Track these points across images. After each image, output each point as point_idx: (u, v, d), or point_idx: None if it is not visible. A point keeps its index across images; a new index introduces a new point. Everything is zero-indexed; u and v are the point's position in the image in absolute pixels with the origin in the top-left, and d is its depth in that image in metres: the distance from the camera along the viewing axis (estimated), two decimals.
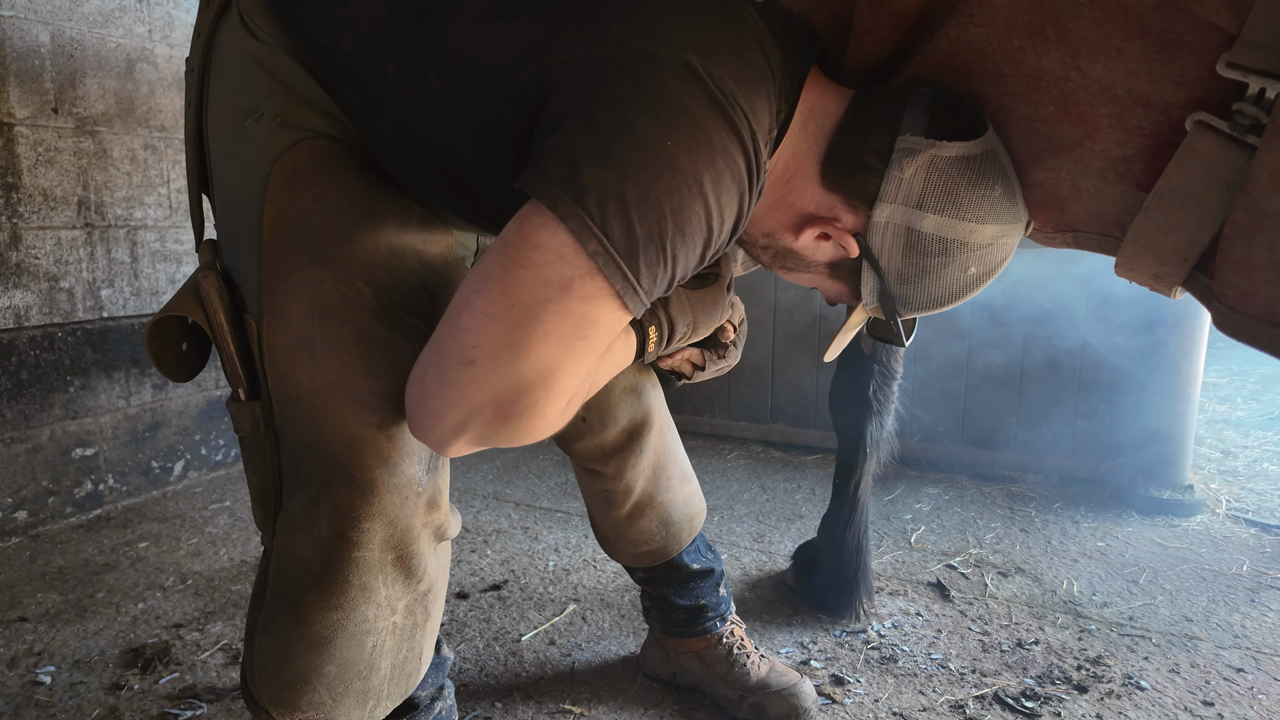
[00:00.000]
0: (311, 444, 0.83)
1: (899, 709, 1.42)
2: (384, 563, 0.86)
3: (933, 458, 2.71)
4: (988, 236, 0.84)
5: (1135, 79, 0.73)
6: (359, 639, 0.86)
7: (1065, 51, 0.76)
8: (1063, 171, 0.84)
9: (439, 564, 0.95)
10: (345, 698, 0.88)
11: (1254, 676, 1.51)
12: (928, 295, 0.88)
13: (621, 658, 1.59)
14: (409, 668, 0.94)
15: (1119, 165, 0.80)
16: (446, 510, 0.92)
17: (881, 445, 1.70)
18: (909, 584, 1.89)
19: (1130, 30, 0.71)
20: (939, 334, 2.63)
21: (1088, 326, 2.45)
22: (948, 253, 0.84)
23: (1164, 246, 0.78)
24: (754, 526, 2.26)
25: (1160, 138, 0.76)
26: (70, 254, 2.25)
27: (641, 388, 1.25)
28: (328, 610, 0.84)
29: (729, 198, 0.73)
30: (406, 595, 0.89)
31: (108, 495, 2.39)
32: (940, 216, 0.82)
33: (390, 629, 0.89)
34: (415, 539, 0.87)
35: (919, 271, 0.86)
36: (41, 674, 1.53)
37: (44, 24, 2.14)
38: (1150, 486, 2.34)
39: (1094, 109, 0.78)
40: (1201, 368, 2.32)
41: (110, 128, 2.32)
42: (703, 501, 1.40)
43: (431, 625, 0.96)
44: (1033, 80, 0.80)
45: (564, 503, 2.45)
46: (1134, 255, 0.81)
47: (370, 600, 0.86)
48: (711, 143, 0.71)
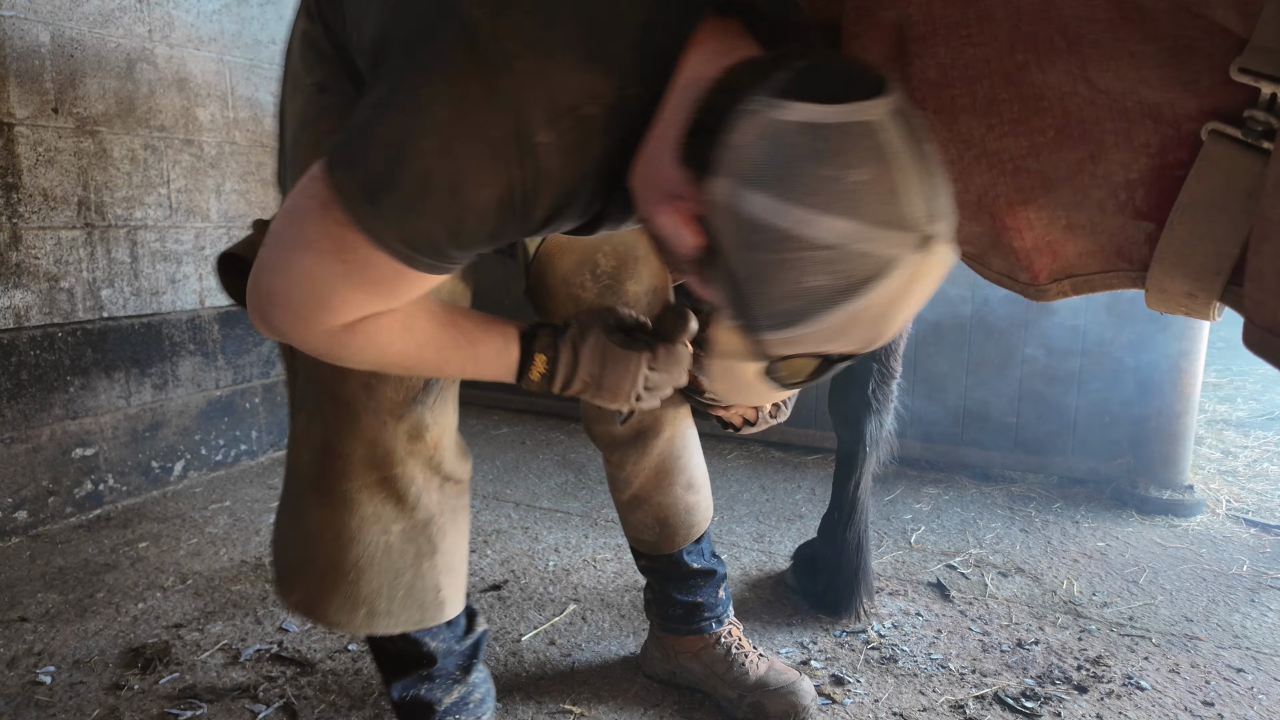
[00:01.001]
0: (310, 371, 0.98)
1: (899, 709, 1.42)
2: (368, 481, 0.99)
3: (933, 458, 2.71)
4: (833, 235, 0.62)
5: (1147, 87, 0.72)
6: (343, 542, 1.00)
7: (1074, 61, 0.74)
8: (1058, 208, 0.80)
9: (444, 502, 1.07)
10: (332, 596, 1.02)
11: (1254, 676, 1.51)
12: (770, 309, 0.67)
13: (621, 658, 1.59)
14: (420, 596, 1.06)
15: (1120, 193, 0.77)
16: (438, 446, 1.03)
17: (881, 444, 1.70)
18: (909, 584, 1.89)
19: (1145, 33, 0.70)
20: (940, 333, 2.63)
21: (1089, 327, 2.45)
22: (777, 247, 0.64)
23: (1194, 261, 0.74)
24: (754, 526, 2.26)
25: (1167, 156, 0.74)
26: (70, 254, 2.25)
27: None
28: (317, 509, 1.00)
29: (480, 160, 0.70)
30: (401, 520, 1.02)
31: (108, 495, 2.39)
32: (766, 197, 0.63)
33: (383, 546, 1.02)
34: (398, 463, 1.00)
35: (751, 272, 0.66)
36: (41, 674, 1.53)
37: (44, 24, 2.14)
38: (1150, 486, 2.34)
39: (1100, 126, 0.75)
40: (1201, 368, 2.32)
41: (110, 128, 2.32)
42: (708, 515, 1.42)
43: (443, 561, 1.07)
44: (1033, 102, 0.76)
45: (564, 503, 2.45)
46: (1164, 275, 0.77)
47: (354, 511, 1.00)
48: (463, 98, 0.68)
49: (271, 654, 1.60)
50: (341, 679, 1.52)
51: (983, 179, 0.82)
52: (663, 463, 1.33)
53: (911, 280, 0.65)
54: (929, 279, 0.67)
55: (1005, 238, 0.86)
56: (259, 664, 1.57)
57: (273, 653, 1.60)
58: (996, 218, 0.84)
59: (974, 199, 0.85)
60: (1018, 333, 2.53)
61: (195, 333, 2.61)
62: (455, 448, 1.09)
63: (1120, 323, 2.40)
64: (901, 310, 0.68)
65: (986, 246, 0.90)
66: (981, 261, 0.94)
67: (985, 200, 0.84)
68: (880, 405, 1.67)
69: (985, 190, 0.83)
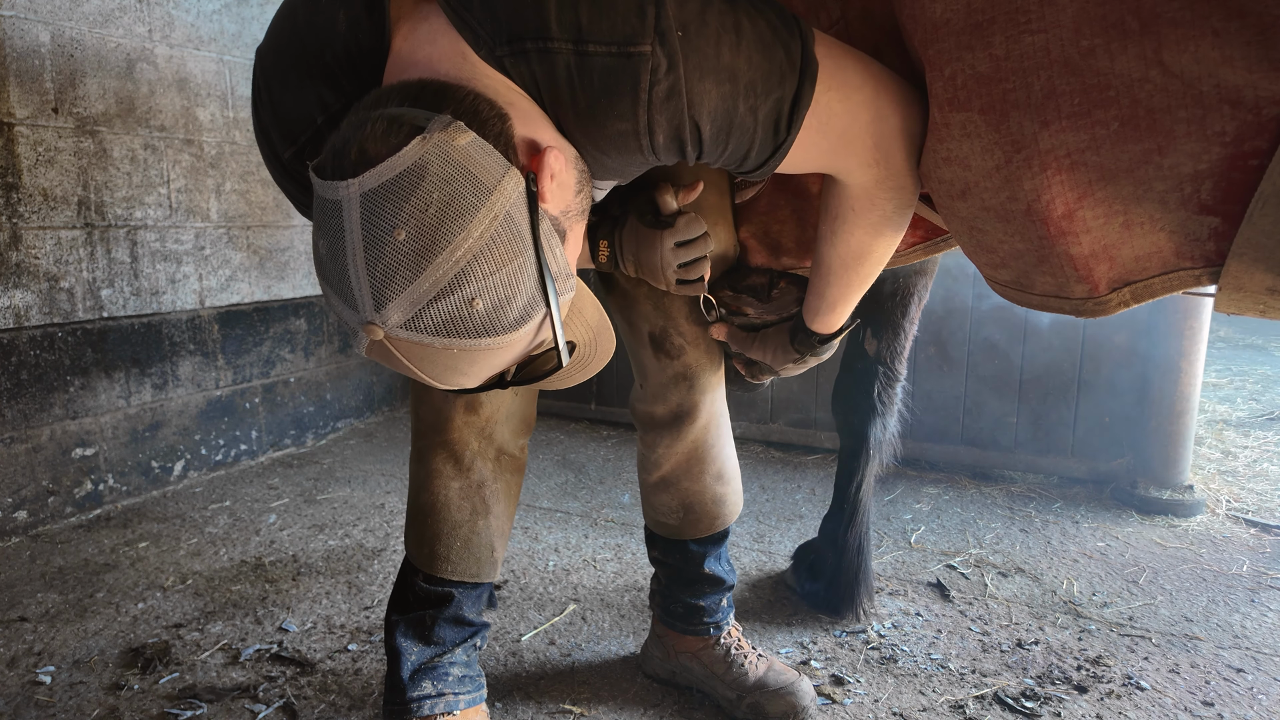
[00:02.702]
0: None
1: (899, 709, 1.42)
2: (433, 442, 1.21)
3: (933, 458, 2.71)
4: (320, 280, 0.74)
5: (1229, 68, 0.66)
6: (417, 488, 1.24)
7: (1148, 43, 0.68)
8: (1116, 202, 0.74)
9: (498, 472, 1.25)
10: (412, 527, 1.26)
11: (1254, 676, 1.51)
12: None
13: (621, 658, 1.59)
14: (476, 551, 1.24)
15: (1185, 185, 0.72)
16: (491, 420, 1.21)
17: (885, 446, 1.70)
18: (909, 584, 1.89)
19: (1230, 9, 0.65)
20: (940, 333, 2.63)
21: (1088, 326, 2.45)
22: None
23: (1278, 255, 0.70)
24: (754, 526, 2.26)
25: (1243, 145, 0.69)
26: (70, 254, 2.25)
27: (695, 380, 1.30)
28: (414, 461, 1.25)
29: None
30: (458, 478, 1.22)
31: (108, 495, 2.39)
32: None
33: (443, 498, 1.22)
34: (454, 430, 1.19)
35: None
36: (41, 674, 1.53)
37: (44, 24, 2.14)
38: (1150, 486, 2.34)
39: (1170, 115, 0.70)
40: (1201, 368, 2.32)
41: (110, 128, 2.32)
42: (735, 510, 1.42)
43: (496, 524, 1.26)
44: (1097, 92, 0.71)
45: (564, 503, 2.45)
46: (1242, 271, 0.72)
47: (425, 465, 1.22)
48: None
49: (271, 654, 1.60)
50: (341, 679, 1.52)
51: (1033, 182, 0.77)
52: (696, 449, 1.34)
53: (387, 353, 0.69)
54: (417, 352, 0.69)
55: (1060, 245, 0.80)
56: (259, 664, 1.57)
57: (273, 653, 1.60)
58: (1050, 223, 0.78)
59: (1022, 208, 0.79)
60: (1017, 332, 2.53)
61: (195, 333, 2.61)
62: (512, 424, 1.25)
63: (1120, 323, 2.39)
64: (417, 376, 0.73)
65: (1030, 265, 0.84)
66: (1022, 287, 0.88)
67: (1035, 207, 0.78)
68: (885, 408, 1.67)
69: (1036, 195, 0.77)
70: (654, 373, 1.30)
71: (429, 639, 1.24)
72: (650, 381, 1.32)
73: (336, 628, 1.70)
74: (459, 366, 0.71)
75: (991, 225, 0.83)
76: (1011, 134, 0.75)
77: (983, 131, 0.78)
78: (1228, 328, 4.99)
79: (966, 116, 0.77)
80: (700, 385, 1.30)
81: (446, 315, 0.67)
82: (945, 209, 0.88)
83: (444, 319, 0.67)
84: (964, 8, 0.75)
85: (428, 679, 1.22)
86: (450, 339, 0.68)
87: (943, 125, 0.80)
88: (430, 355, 0.69)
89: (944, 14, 0.76)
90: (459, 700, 1.24)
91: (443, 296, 0.66)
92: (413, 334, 0.67)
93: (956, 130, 0.79)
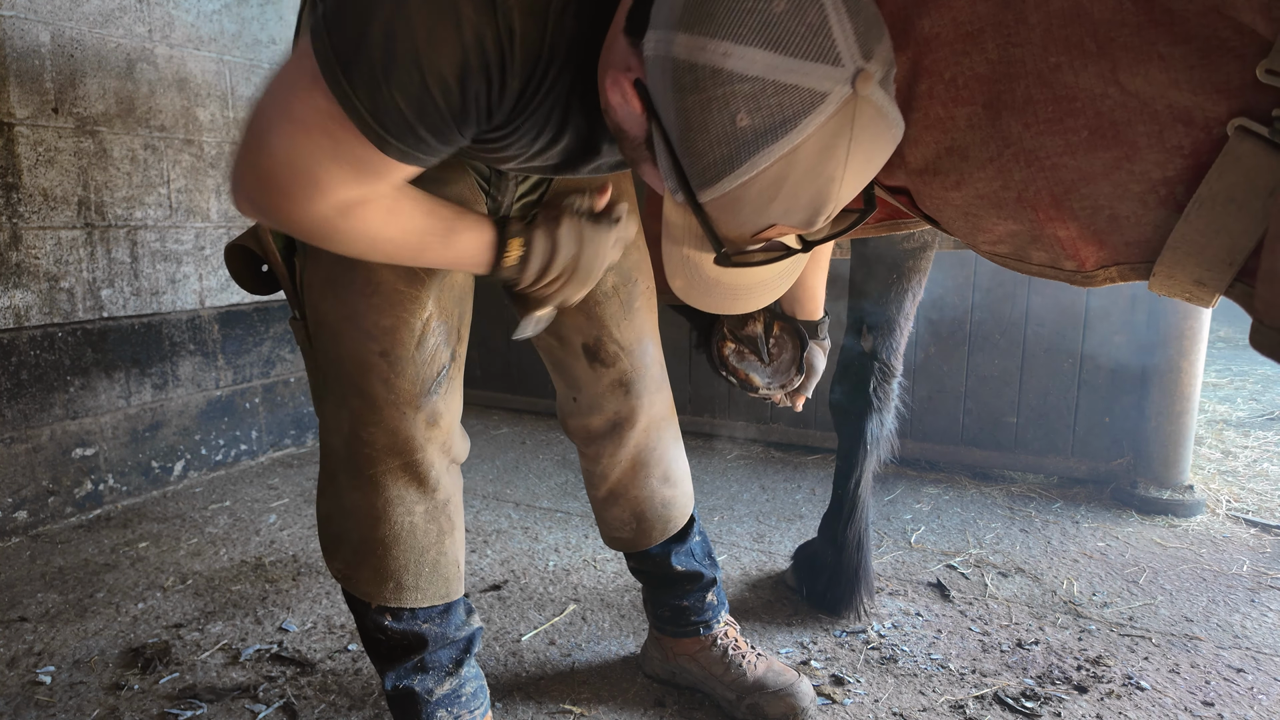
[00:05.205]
0: (335, 361, 1.05)
1: (899, 709, 1.42)
2: (391, 466, 1.07)
3: (933, 458, 2.71)
4: (752, 66, 0.62)
5: (1176, 90, 0.71)
6: (372, 521, 1.09)
7: (1104, 64, 0.73)
8: (1100, 199, 0.80)
9: (453, 482, 1.15)
10: (363, 567, 1.11)
11: (1254, 676, 1.51)
12: (702, 161, 0.68)
13: (621, 658, 1.59)
14: (444, 571, 1.14)
15: (1160, 189, 0.77)
16: (450, 431, 1.11)
17: (882, 443, 1.70)
18: (909, 584, 1.89)
19: (1174, 35, 0.69)
20: (940, 333, 2.63)
21: (1088, 327, 2.45)
22: (700, 86, 0.64)
23: (1208, 252, 0.75)
24: (754, 526, 2.26)
25: (1201, 157, 0.73)
26: (70, 254, 2.25)
27: (631, 385, 1.27)
28: (352, 490, 1.09)
29: (444, 17, 0.70)
30: (424, 501, 1.10)
31: (108, 495, 2.39)
32: (688, 35, 0.64)
33: (407, 526, 1.10)
34: (418, 449, 1.07)
35: (685, 122, 0.67)
36: (41, 674, 1.53)
37: (44, 24, 2.14)
38: (1150, 486, 2.34)
39: (1132, 129, 0.75)
40: (1201, 368, 2.32)
41: (110, 128, 2.32)
42: (686, 510, 1.39)
43: (460, 536, 1.17)
44: (1066, 103, 0.77)
45: (564, 503, 2.45)
46: (1174, 263, 0.78)
47: (380, 493, 1.08)
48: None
49: (271, 654, 1.60)
50: (341, 679, 1.52)
51: (1021, 174, 0.83)
52: (639, 454, 1.31)
53: (842, 126, 0.63)
54: (866, 132, 0.65)
55: (1049, 229, 0.86)
56: (259, 664, 1.57)
57: (273, 653, 1.60)
58: (1039, 210, 0.85)
59: (1014, 195, 0.85)
60: (1017, 332, 2.53)
61: (195, 333, 2.61)
62: (459, 430, 1.17)
63: (1120, 323, 2.40)
64: (836, 164, 0.66)
65: (1025, 243, 0.90)
66: (1019, 259, 0.94)
67: (1026, 195, 0.84)
68: (881, 404, 1.67)
69: (1025, 185, 0.83)
70: (589, 383, 1.27)
71: (427, 668, 1.18)
72: (585, 393, 1.28)
73: (336, 628, 1.70)
74: (875, 158, 0.69)
75: (986, 211, 0.89)
76: (1002, 130, 0.81)
77: (983, 124, 0.83)
78: (1228, 328, 4.99)
79: (971, 110, 0.82)
80: (636, 390, 1.28)
81: (892, 88, 0.68)
82: (939, 199, 0.92)
83: (892, 91, 0.67)
84: (950, 22, 0.80)
85: (442, 709, 1.18)
86: (896, 111, 0.69)
87: (948, 119, 0.85)
88: (879, 136, 0.67)
89: (933, 28, 0.81)
90: (475, 718, 1.22)
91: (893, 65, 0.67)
92: (885, 95, 0.66)
93: (962, 122, 0.84)
